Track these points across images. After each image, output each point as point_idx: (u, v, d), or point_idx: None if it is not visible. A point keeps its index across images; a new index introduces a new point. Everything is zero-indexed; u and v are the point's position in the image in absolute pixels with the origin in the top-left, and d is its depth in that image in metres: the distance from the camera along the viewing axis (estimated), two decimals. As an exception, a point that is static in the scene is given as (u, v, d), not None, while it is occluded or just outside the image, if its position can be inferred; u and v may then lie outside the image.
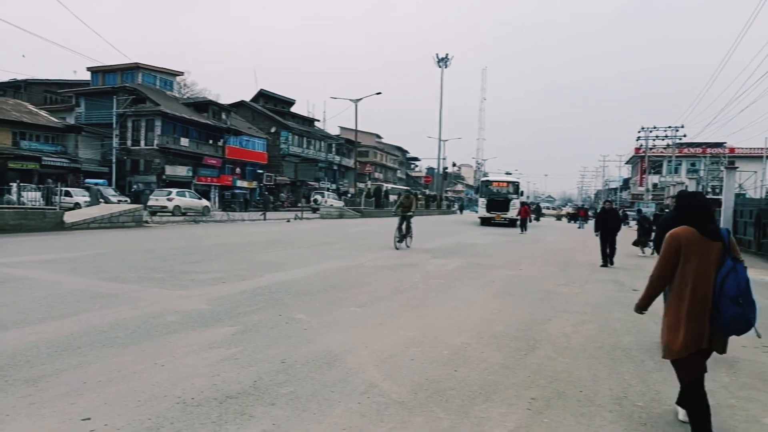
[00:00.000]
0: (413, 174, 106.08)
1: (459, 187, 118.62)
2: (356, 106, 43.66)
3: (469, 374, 4.36)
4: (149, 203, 29.18)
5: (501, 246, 17.67)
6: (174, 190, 30.99)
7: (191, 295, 7.09)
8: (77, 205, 26.35)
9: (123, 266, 9.49)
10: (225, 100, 57.31)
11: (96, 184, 32.40)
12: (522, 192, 34.11)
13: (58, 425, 3.14)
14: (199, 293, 7.22)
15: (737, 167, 28.18)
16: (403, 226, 15.03)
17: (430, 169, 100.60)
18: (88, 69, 46.00)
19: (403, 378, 4.20)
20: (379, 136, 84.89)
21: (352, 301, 7.17)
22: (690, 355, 3.18)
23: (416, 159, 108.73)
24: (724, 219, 21.90)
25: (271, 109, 59.20)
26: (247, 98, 59.79)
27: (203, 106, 47.49)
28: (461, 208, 73.75)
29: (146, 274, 8.68)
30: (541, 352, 5.14)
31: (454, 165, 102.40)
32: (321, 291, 7.83)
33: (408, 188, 18.24)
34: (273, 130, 56.22)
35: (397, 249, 14.29)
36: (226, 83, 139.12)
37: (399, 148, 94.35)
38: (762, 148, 56.55)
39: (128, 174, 41.10)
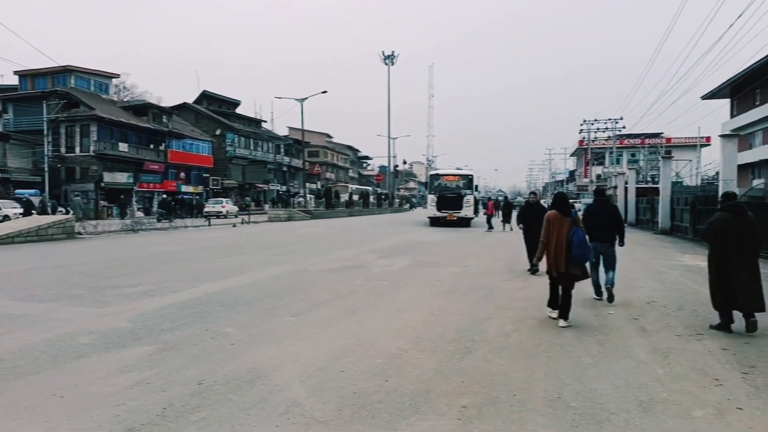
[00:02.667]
0: (365, 173, 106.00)
1: (411, 184, 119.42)
2: (302, 105, 42.94)
3: (400, 384, 4.13)
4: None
5: (450, 243, 17.65)
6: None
7: (112, 312, 6.59)
8: (6, 218, 24.83)
9: (42, 283, 8.80)
10: (168, 102, 55.39)
11: (27, 194, 30.67)
12: (476, 186, 30.34)
13: None
14: (121, 310, 6.72)
15: (673, 156, 29.18)
16: None
17: (382, 168, 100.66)
18: (16, 73, 43.59)
19: (329, 393, 3.93)
20: (329, 136, 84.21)
21: (287, 310, 6.84)
22: (557, 275, 6.03)
23: (368, 158, 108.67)
24: (662, 207, 22.54)
25: (215, 111, 57.69)
26: (190, 100, 58.01)
27: (142, 109, 45.63)
28: (412, 206, 74.31)
29: (66, 291, 8.06)
30: (478, 354, 4.97)
31: (405, 162, 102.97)
32: (256, 300, 7.46)
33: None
34: (218, 132, 54.79)
35: None
36: (169, 85, 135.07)
37: (350, 147, 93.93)
38: (696, 137, 59.46)
39: (63, 183, 39.05)
